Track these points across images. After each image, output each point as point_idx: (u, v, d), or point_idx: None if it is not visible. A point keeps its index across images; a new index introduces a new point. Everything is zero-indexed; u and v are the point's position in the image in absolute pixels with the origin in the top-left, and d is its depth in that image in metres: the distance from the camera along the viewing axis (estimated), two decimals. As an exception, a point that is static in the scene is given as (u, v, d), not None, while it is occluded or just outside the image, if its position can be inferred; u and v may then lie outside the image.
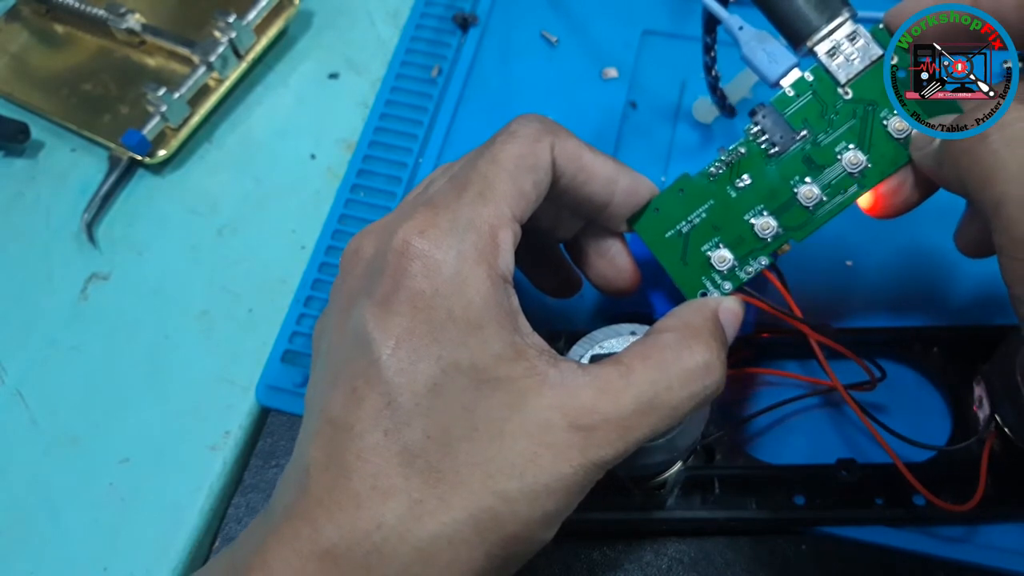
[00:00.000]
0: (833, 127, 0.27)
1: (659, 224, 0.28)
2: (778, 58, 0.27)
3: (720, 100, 0.36)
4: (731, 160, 0.27)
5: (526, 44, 0.45)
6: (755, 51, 0.27)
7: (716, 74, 0.35)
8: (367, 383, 0.22)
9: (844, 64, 0.26)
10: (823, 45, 0.26)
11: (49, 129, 0.45)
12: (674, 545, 0.32)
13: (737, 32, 0.28)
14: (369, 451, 0.22)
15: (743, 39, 0.28)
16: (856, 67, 0.26)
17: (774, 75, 0.27)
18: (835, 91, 0.27)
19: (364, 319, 0.23)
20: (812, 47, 0.27)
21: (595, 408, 0.22)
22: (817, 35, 0.26)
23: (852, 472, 0.31)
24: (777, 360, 0.35)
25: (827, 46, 0.26)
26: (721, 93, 0.36)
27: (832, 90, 0.27)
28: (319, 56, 0.46)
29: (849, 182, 0.27)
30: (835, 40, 0.26)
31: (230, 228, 0.41)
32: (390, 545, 0.21)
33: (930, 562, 0.31)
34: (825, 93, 0.27)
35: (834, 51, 0.26)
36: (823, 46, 0.26)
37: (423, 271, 0.22)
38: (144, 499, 0.35)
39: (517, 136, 0.25)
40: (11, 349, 0.38)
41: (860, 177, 0.27)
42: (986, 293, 0.36)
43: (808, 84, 0.27)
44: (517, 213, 0.24)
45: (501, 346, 0.22)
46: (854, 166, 0.26)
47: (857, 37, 0.26)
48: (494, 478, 0.21)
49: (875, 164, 0.26)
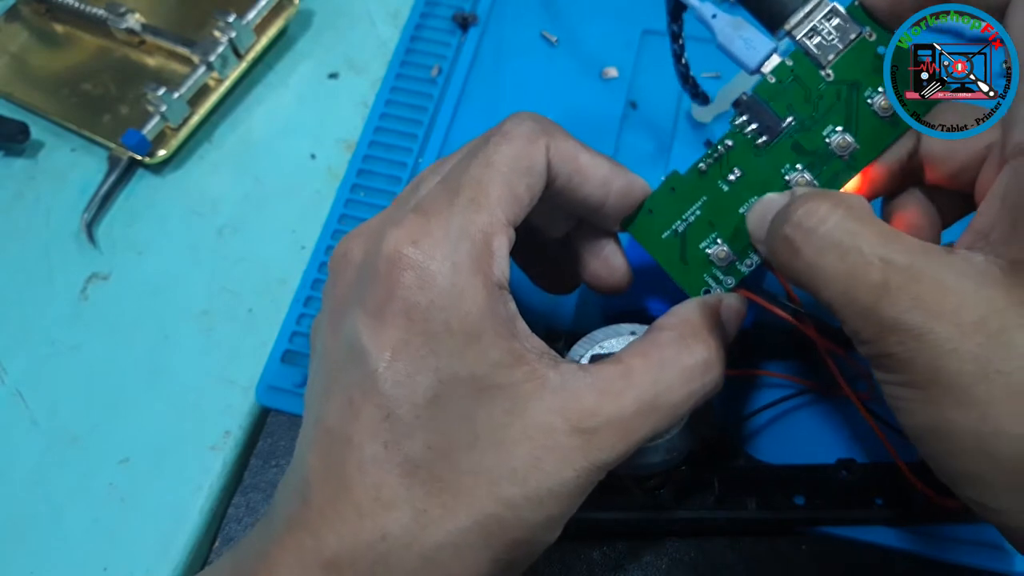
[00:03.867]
0: (819, 111, 0.26)
1: (654, 225, 0.28)
2: (756, 44, 0.27)
3: (692, 89, 0.36)
4: (719, 154, 0.27)
5: (526, 44, 0.45)
6: (731, 39, 0.27)
7: (686, 62, 0.34)
8: (363, 395, 0.22)
9: (823, 45, 0.26)
10: (801, 27, 0.26)
11: (49, 129, 0.45)
12: (674, 545, 0.32)
13: (711, 20, 0.27)
14: (369, 463, 0.21)
15: (717, 27, 0.27)
16: (836, 47, 0.26)
17: (753, 63, 0.27)
18: (817, 74, 0.26)
19: (357, 329, 0.22)
20: (790, 30, 0.26)
21: (596, 410, 0.22)
22: (795, 17, 0.26)
23: (852, 472, 0.31)
24: (777, 360, 0.35)
25: (805, 28, 0.26)
26: (693, 81, 0.35)
27: (814, 73, 0.26)
28: (319, 56, 0.46)
29: (839, 164, 0.26)
30: (813, 21, 0.26)
31: (230, 228, 0.41)
32: (396, 555, 0.21)
33: (930, 562, 0.31)
34: (807, 77, 0.26)
35: (813, 32, 0.26)
36: (801, 28, 0.26)
37: (417, 282, 0.22)
38: (144, 499, 0.35)
39: (511, 137, 0.24)
40: (11, 349, 0.39)
41: (850, 159, 0.26)
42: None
43: (789, 69, 0.26)
44: (511, 217, 0.23)
45: (500, 354, 0.22)
46: (843, 149, 0.26)
47: (834, 16, 0.26)
48: (498, 485, 0.21)
49: (863, 145, 0.26)
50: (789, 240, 0.22)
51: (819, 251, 0.21)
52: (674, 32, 0.33)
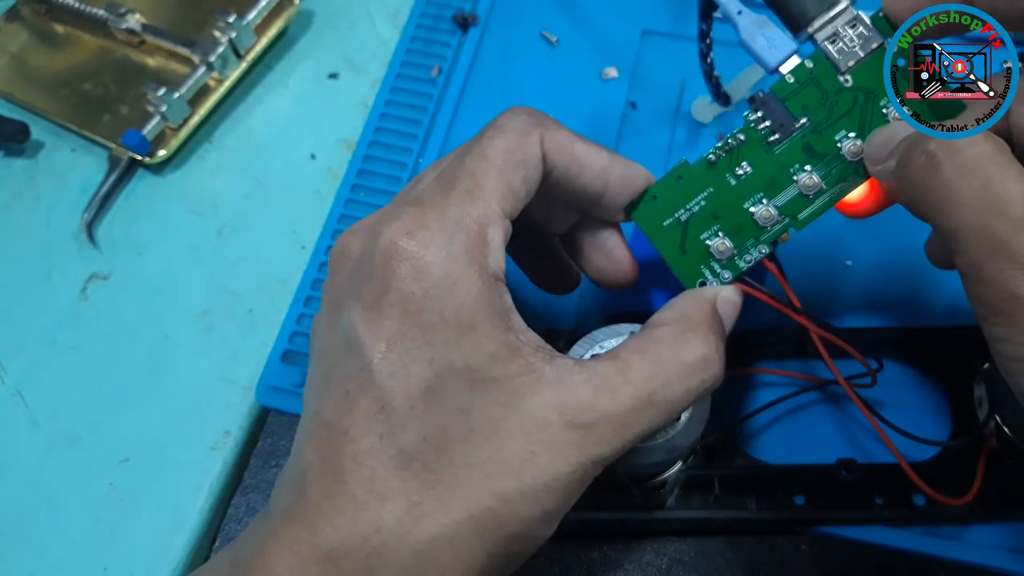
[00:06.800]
0: (833, 115, 0.27)
1: (657, 212, 0.28)
2: (777, 44, 0.27)
3: (715, 89, 0.36)
4: (730, 147, 0.27)
5: (526, 44, 0.45)
6: (754, 36, 0.27)
7: (711, 61, 0.34)
8: (359, 387, 0.22)
9: (844, 51, 0.26)
10: (823, 31, 0.26)
11: (49, 129, 0.45)
12: (674, 545, 0.32)
13: (736, 17, 0.27)
14: (364, 455, 0.22)
15: (742, 24, 0.27)
16: (857, 54, 0.26)
17: (773, 61, 0.27)
18: (835, 78, 0.26)
19: (353, 322, 0.22)
20: (812, 33, 0.26)
21: (592, 405, 0.22)
22: (818, 21, 0.26)
23: (852, 472, 0.31)
24: (776, 359, 0.35)
25: (827, 32, 0.26)
26: (716, 81, 0.36)
27: (832, 77, 0.26)
28: (319, 56, 0.46)
29: (849, 171, 0.26)
30: (835, 27, 0.26)
31: (230, 228, 0.41)
32: (390, 547, 0.21)
33: (930, 562, 0.31)
34: (825, 80, 0.27)
35: (834, 38, 0.26)
36: (823, 32, 0.26)
37: (412, 273, 0.22)
38: (144, 499, 0.35)
39: (505, 130, 0.24)
40: (11, 349, 0.38)
41: (860, 166, 0.26)
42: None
43: (808, 71, 0.27)
44: (507, 209, 0.24)
45: (495, 345, 0.22)
46: (854, 155, 0.26)
47: (857, 24, 0.26)
48: (492, 478, 0.21)
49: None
50: (931, 155, 0.22)
51: (962, 172, 0.21)
52: (702, 31, 0.33)
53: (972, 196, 0.21)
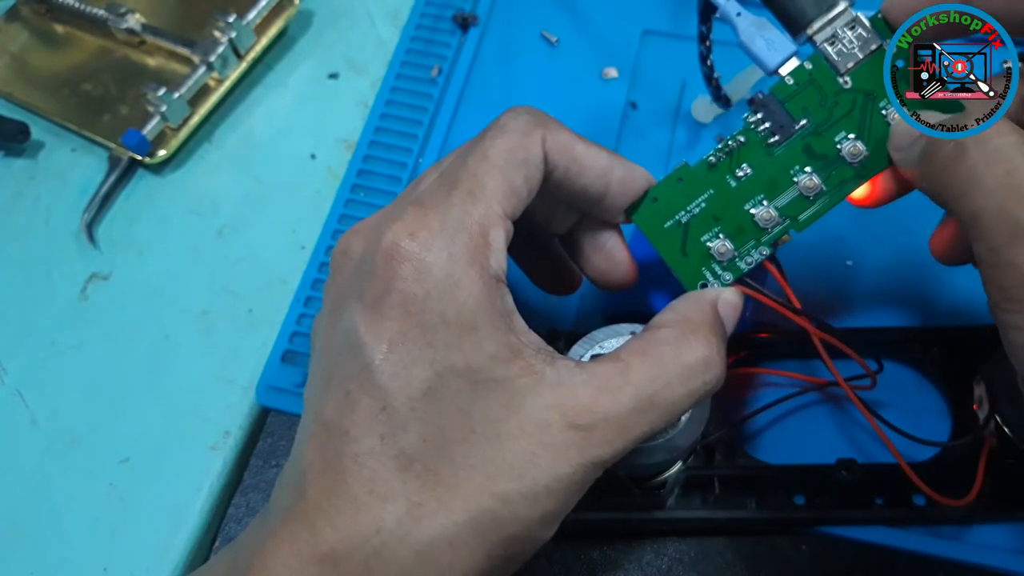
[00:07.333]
0: (833, 116, 0.27)
1: (658, 214, 0.28)
2: (777, 46, 0.27)
3: (715, 91, 0.36)
4: (730, 149, 0.27)
5: (526, 44, 0.45)
6: (753, 38, 0.27)
7: (711, 64, 0.35)
8: (360, 387, 0.22)
9: (843, 53, 0.26)
10: (822, 33, 0.26)
11: (49, 129, 0.45)
12: (674, 545, 0.32)
13: (735, 19, 0.27)
14: (365, 455, 0.22)
15: (741, 26, 0.27)
16: (856, 56, 0.26)
17: (773, 63, 0.27)
18: (835, 80, 0.27)
19: (355, 322, 0.22)
20: (812, 35, 0.26)
21: (593, 407, 0.22)
22: (816, 23, 0.26)
23: (852, 472, 0.31)
24: (776, 360, 0.35)
25: (826, 34, 0.26)
26: (716, 83, 0.36)
27: (832, 79, 0.27)
28: (319, 56, 0.46)
29: (849, 172, 0.27)
30: (834, 28, 0.26)
31: (230, 228, 0.41)
32: (390, 548, 0.21)
33: (930, 562, 0.31)
34: (824, 82, 0.27)
35: (833, 39, 0.26)
36: (822, 34, 0.26)
37: (414, 274, 0.22)
38: (144, 499, 0.35)
39: (506, 130, 0.24)
40: (11, 349, 0.39)
41: (860, 167, 0.26)
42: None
43: (807, 73, 0.27)
44: (508, 210, 0.24)
45: (496, 347, 0.22)
46: (854, 156, 0.26)
47: (856, 25, 0.26)
48: (493, 480, 0.21)
49: (875, 154, 0.26)
50: (959, 142, 0.22)
51: (987, 160, 0.22)
52: (702, 33, 0.33)
53: (996, 183, 0.21)
